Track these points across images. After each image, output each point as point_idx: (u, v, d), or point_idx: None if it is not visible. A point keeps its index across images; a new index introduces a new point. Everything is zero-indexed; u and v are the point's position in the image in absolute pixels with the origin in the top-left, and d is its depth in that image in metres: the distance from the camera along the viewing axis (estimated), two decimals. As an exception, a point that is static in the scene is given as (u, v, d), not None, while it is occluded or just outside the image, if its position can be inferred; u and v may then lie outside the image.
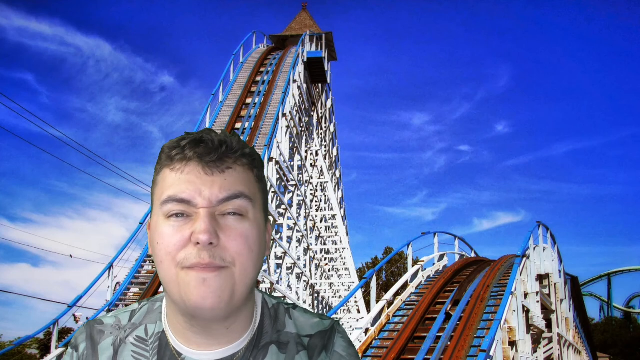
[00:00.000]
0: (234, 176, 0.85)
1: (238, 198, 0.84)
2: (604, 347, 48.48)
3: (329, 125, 32.22)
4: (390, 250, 49.21)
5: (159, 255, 0.84)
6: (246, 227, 0.84)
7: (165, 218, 0.84)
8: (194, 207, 0.83)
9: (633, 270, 64.03)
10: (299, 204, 23.65)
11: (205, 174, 0.83)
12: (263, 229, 0.89)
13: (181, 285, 0.81)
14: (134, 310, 0.97)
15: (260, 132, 19.23)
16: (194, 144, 0.84)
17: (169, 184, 0.84)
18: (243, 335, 0.91)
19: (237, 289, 0.83)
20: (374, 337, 11.67)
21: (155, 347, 0.91)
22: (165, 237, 0.83)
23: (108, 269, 13.87)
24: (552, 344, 18.11)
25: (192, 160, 0.84)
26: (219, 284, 0.81)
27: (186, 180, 0.83)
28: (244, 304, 0.88)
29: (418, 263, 15.83)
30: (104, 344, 0.93)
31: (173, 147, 0.85)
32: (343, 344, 0.97)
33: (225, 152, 0.85)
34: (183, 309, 0.84)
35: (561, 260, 20.17)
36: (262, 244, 0.88)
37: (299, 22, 31.72)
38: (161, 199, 0.84)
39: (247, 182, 0.86)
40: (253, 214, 0.86)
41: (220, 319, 0.85)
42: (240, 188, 0.85)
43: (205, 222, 0.81)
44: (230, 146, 0.86)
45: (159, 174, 0.87)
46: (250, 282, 0.86)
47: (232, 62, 23.31)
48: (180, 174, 0.84)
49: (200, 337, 0.88)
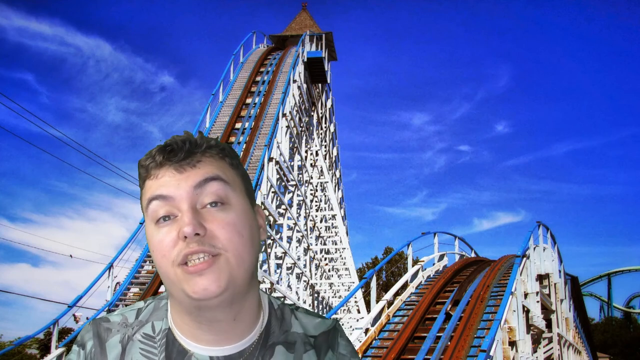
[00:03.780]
0: (206, 165, 0.88)
1: (214, 180, 0.87)
2: (604, 347, 48.47)
3: (329, 125, 32.23)
4: (390, 250, 49.20)
5: (156, 260, 0.87)
6: (231, 215, 0.87)
7: (155, 224, 0.87)
8: (175, 203, 0.86)
9: (633, 270, 64.02)
10: (299, 204, 23.65)
11: (178, 173, 0.87)
12: (250, 214, 0.91)
13: (182, 281, 0.84)
14: (140, 308, 0.98)
15: (260, 132, 19.25)
16: (161, 150, 0.89)
17: (148, 189, 0.89)
18: (251, 332, 0.92)
19: (235, 273, 0.85)
20: (374, 337, 11.67)
21: (163, 343, 0.92)
22: (157, 243, 0.86)
23: (108, 269, 13.88)
24: (552, 344, 18.11)
25: (163, 164, 0.88)
26: (216, 271, 0.83)
27: (162, 182, 0.88)
28: (246, 291, 0.89)
29: (418, 263, 15.83)
30: (111, 341, 0.94)
31: (146, 158, 0.90)
32: (344, 344, 1.02)
33: (191, 149, 0.89)
34: (189, 304, 0.86)
35: (561, 260, 20.17)
36: (253, 228, 0.90)
37: (299, 22, 31.73)
38: (144, 204, 0.89)
39: (221, 167, 0.90)
40: (235, 199, 0.89)
41: (226, 306, 0.86)
42: (215, 172, 0.88)
43: (188, 215, 0.84)
44: (194, 142, 0.89)
45: (142, 188, 0.91)
46: (248, 266, 0.87)
47: (232, 62, 23.32)
48: (156, 179, 0.88)
49: (207, 334, 0.89)
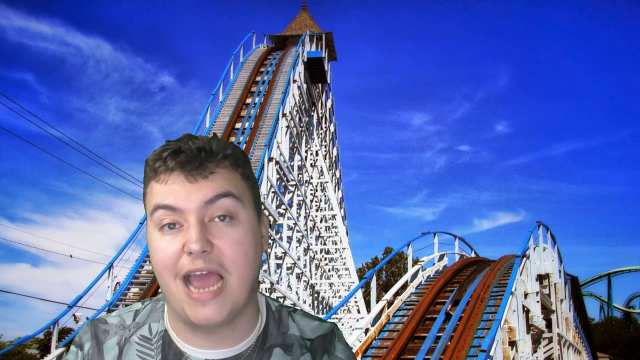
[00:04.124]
0: (219, 178, 0.85)
1: (226, 197, 0.85)
2: (604, 347, 48.44)
3: (329, 125, 32.22)
4: (390, 250, 49.19)
5: (156, 267, 0.86)
6: (239, 232, 0.85)
7: (158, 230, 0.85)
8: (182, 214, 0.83)
9: (633, 270, 64.01)
10: (299, 204, 23.64)
11: (189, 182, 0.84)
12: (257, 228, 0.89)
13: (183, 302, 0.83)
14: (137, 310, 0.98)
15: (260, 132, 19.24)
16: (174, 154, 0.85)
17: (155, 194, 0.86)
18: (248, 336, 0.92)
19: (237, 299, 0.85)
20: (374, 337, 11.67)
21: (159, 345, 0.92)
22: (159, 252, 0.84)
23: (108, 269, 13.87)
24: (552, 344, 18.10)
25: (174, 170, 0.85)
26: (220, 303, 0.83)
27: (171, 190, 0.84)
28: (246, 305, 0.89)
29: (418, 263, 15.82)
30: (109, 343, 0.94)
31: (155, 160, 0.86)
32: (342, 347, 1.00)
33: (206, 158, 0.85)
34: (185, 320, 0.86)
35: (561, 260, 20.17)
36: (258, 243, 0.89)
37: (299, 22, 31.72)
38: (150, 209, 0.86)
39: (233, 181, 0.87)
40: (244, 214, 0.87)
41: (225, 325, 0.87)
42: (227, 187, 0.85)
43: (196, 230, 0.82)
44: (210, 151, 0.86)
45: (147, 187, 0.88)
46: (250, 285, 0.87)
47: (232, 62, 23.31)
48: (165, 184, 0.85)
49: (203, 341, 0.89)
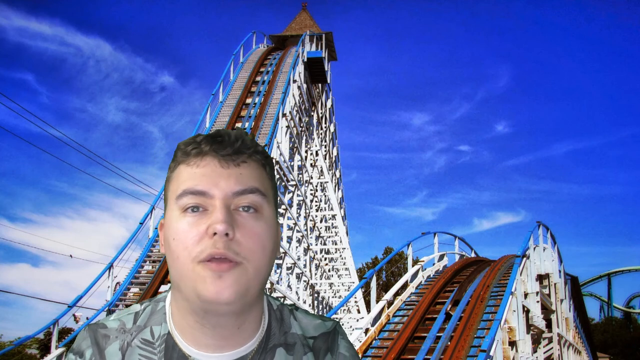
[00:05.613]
0: (249, 170, 0.86)
1: (253, 193, 0.85)
2: (604, 347, 48.45)
3: (329, 125, 32.22)
4: (390, 250, 49.19)
5: (175, 251, 0.83)
6: (261, 225, 0.85)
7: (181, 213, 0.84)
8: (209, 199, 0.83)
9: (633, 270, 64.00)
10: (299, 204, 23.63)
11: (221, 167, 0.85)
12: (275, 228, 0.89)
13: (197, 280, 0.81)
14: (137, 312, 0.94)
15: (260, 132, 19.23)
16: (210, 139, 0.87)
17: (185, 178, 0.85)
18: (253, 337, 0.90)
19: (251, 285, 0.83)
20: (374, 337, 11.67)
21: (162, 349, 0.89)
22: (181, 233, 0.83)
23: (108, 269, 13.88)
24: (552, 344, 18.11)
25: (208, 154, 0.85)
26: (234, 278, 0.81)
27: (202, 174, 0.84)
28: (255, 303, 0.88)
29: (418, 263, 15.82)
30: (110, 349, 0.90)
31: (189, 143, 0.87)
32: (346, 345, 0.99)
33: (241, 147, 0.87)
34: (196, 305, 0.83)
35: (561, 260, 20.17)
36: (275, 242, 0.89)
37: (299, 22, 31.72)
38: (177, 193, 0.85)
39: (260, 178, 0.88)
40: (267, 210, 0.87)
41: (233, 315, 0.85)
42: (255, 183, 0.86)
43: (222, 212, 0.82)
44: (245, 142, 0.88)
45: (174, 171, 0.88)
46: (263, 280, 0.86)
47: (232, 62, 23.31)
48: (196, 167, 0.85)
49: (210, 339, 0.87)
